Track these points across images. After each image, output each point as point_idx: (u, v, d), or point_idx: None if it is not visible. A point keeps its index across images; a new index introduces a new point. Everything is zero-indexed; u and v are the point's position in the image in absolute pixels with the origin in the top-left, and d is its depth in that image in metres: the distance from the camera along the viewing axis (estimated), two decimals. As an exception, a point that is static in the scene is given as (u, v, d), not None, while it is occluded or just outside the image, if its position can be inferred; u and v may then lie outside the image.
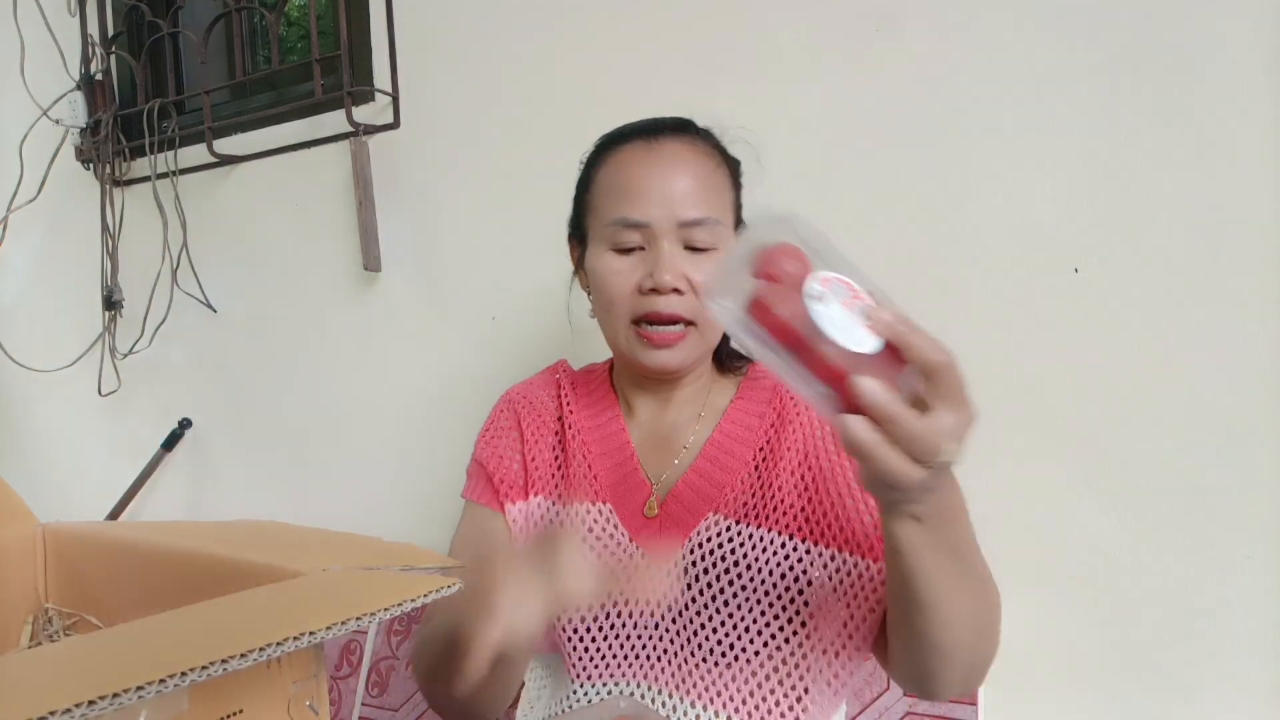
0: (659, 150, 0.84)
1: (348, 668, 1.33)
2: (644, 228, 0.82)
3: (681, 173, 0.83)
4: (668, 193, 0.82)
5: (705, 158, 0.85)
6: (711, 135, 0.90)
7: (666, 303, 0.82)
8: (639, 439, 0.92)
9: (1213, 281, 0.99)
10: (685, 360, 0.85)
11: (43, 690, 0.31)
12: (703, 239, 0.82)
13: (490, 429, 0.97)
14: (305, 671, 0.47)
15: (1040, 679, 1.09)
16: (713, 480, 0.86)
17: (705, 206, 0.82)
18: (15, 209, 1.88)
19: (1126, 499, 1.04)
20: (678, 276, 0.81)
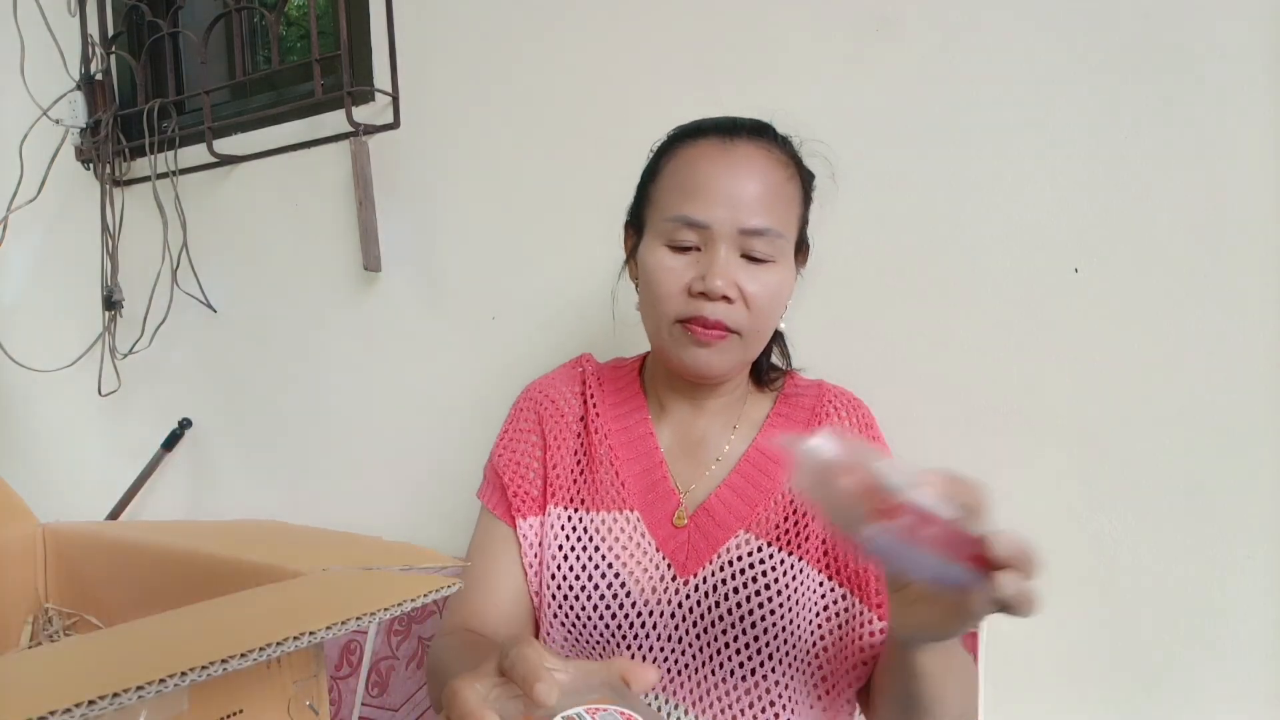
0: (733, 152, 0.81)
1: (348, 668, 1.33)
2: (704, 229, 0.79)
3: (752, 178, 0.80)
4: (734, 197, 0.79)
5: (779, 167, 0.82)
6: (789, 144, 0.86)
7: (714, 309, 0.79)
8: (668, 444, 0.89)
9: (1213, 281, 0.99)
10: (725, 366, 0.82)
11: (43, 690, 0.31)
12: (762, 250, 0.79)
13: (510, 430, 0.93)
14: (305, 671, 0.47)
15: (1040, 679, 1.09)
16: (746, 497, 0.84)
17: (770, 217, 0.79)
18: (15, 209, 1.88)
19: (1126, 499, 1.04)
20: (730, 284, 0.78)
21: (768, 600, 0.79)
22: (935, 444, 1.13)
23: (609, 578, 0.83)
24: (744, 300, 0.79)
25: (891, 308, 1.15)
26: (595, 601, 0.83)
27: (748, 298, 0.79)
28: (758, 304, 0.80)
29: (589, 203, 1.35)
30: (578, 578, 0.84)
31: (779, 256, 0.81)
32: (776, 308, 0.83)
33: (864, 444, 0.57)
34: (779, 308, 0.83)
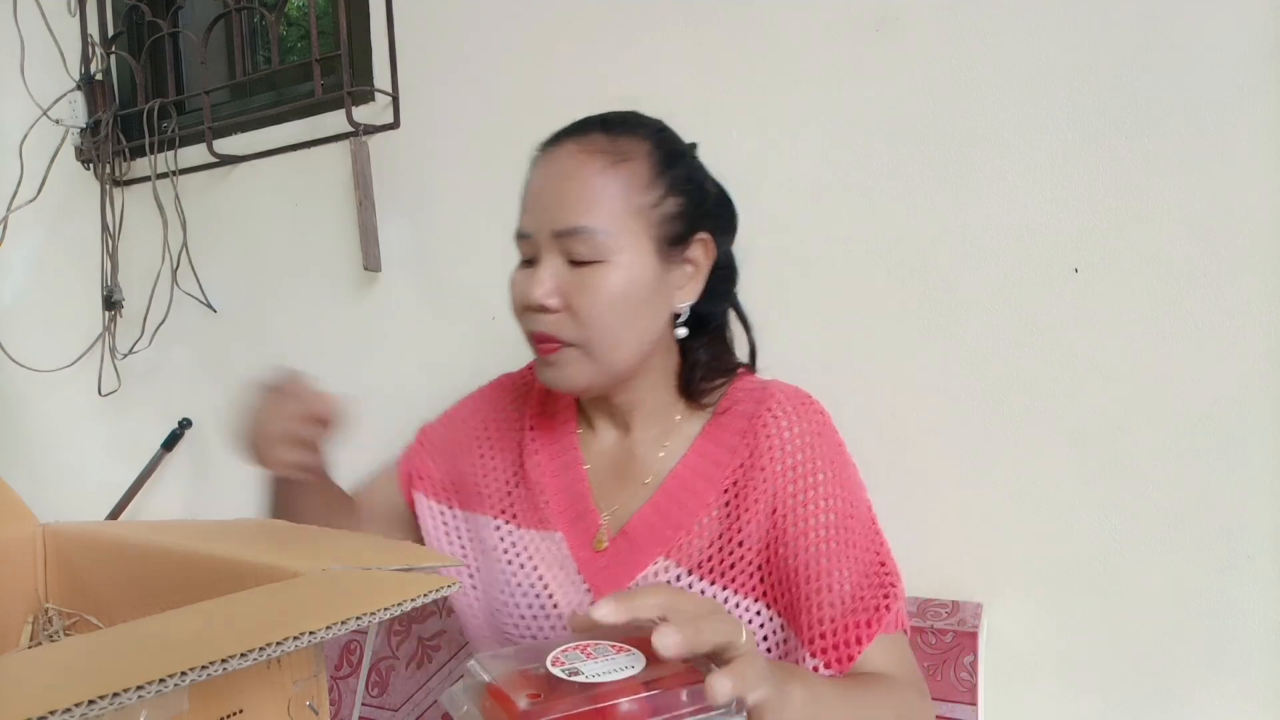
0: (551, 156, 0.78)
1: (348, 668, 1.33)
2: (529, 239, 0.77)
3: (562, 178, 0.75)
4: (546, 200, 0.76)
5: (597, 156, 0.75)
6: (629, 127, 0.78)
7: (539, 320, 0.75)
8: (595, 464, 0.85)
9: (1212, 281, 0.99)
10: (572, 380, 0.76)
11: (43, 690, 0.31)
12: (582, 251, 0.73)
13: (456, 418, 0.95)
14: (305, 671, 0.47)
15: (1040, 679, 1.09)
16: (670, 519, 0.78)
17: (584, 214, 0.73)
18: (15, 209, 1.88)
19: (1126, 499, 1.04)
20: (547, 293, 0.74)
21: None
22: (935, 444, 1.13)
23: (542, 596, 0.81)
24: (570, 308, 0.74)
25: (891, 308, 1.15)
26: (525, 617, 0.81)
27: (573, 306, 0.74)
28: (583, 310, 0.73)
29: (589, 203, 1.34)
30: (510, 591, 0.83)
31: (610, 255, 0.73)
32: (613, 314, 0.74)
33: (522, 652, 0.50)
34: (621, 314, 0.74)
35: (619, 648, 0.52)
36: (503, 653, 0.52)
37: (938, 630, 1.05)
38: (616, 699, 0.46)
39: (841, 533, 0.74)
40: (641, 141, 0.77)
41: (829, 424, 0.81)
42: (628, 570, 0.78)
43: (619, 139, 0.77)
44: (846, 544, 0.74)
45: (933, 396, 1.13)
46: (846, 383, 1.18)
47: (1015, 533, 1.10)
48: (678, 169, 0.78)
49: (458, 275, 1.51)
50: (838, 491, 0.76)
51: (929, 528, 1.14)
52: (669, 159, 0.78)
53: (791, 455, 0.76)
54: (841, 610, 0.71)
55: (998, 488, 1.10)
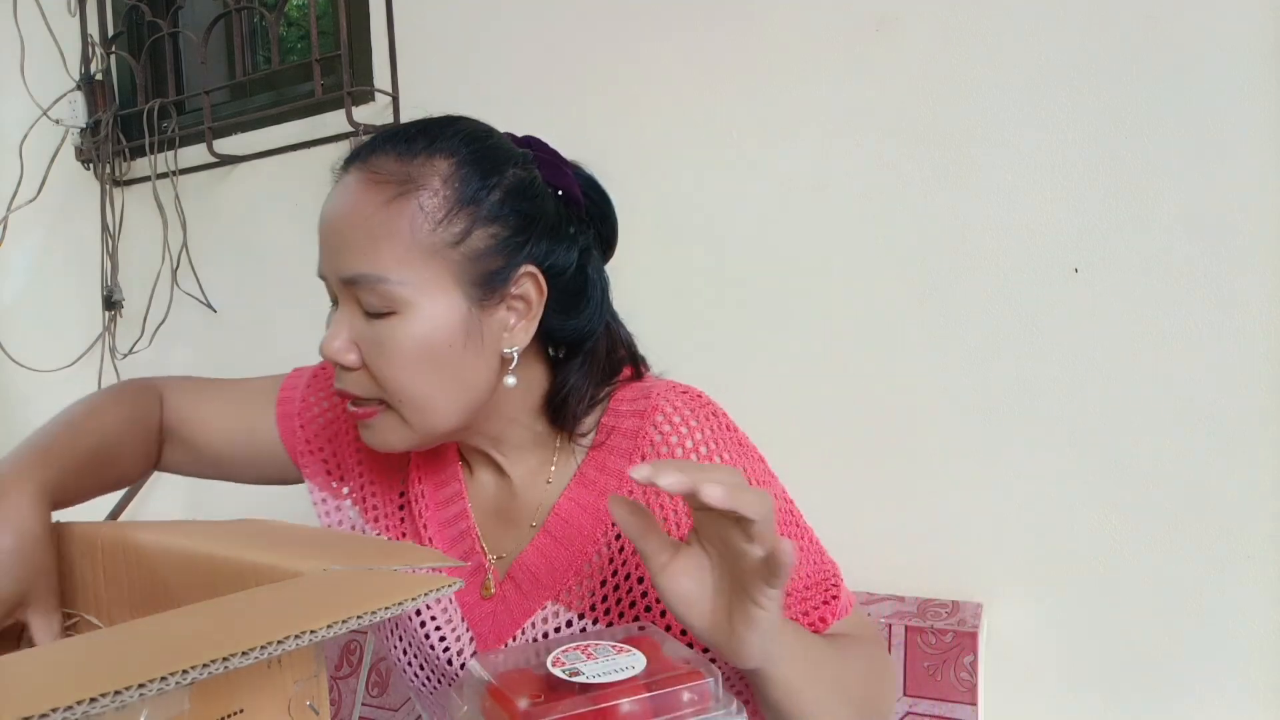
0: (337, 189, 0.66)
1: (348, 668, 1.33)
2: (326, 282, 0.66)
3: (341, 216, 0.64)
4: (330, 240, 0.64)
5: (380, 189, 0.62)
6: (425, 144, 0.65)
7: (340, 379, 0.66)
8: (479, 504, 0.75)
9: (1212, 281, 0.99)
10: (392, 444, 0.66)
11: (44, 688, 0.31)
12: (371, 302, 0.62)
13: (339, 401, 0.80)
14: (306, 671, 0.47)
15: (1040, 678, 1.09)
16: (555, 563, 0.69)
17: (364, 259, 0.62)
18: (15, 209, 1.88)
19: (1127, 499, 1.04)
20: (340, 349, 0.63)
21: None
22: (935, 444, 1.13)
23: (433, 638, 0.74)
24: (368, 367, 0.64)
25: (891, 308, 1.15)
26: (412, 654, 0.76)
27: (368, 364, 0.64)
28: (377, 370, 0.63)
29: (589, 203, 1.35)
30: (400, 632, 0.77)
31: (403, 304, 0.61)
32: (415, 369, 0.63)
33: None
34: (424, 367, 0.63)
35: (619, 648, 0.52)
36: (503, 652, 0.53)
37: (938, 630, 1.05)
38: (617, 699, 0.46)
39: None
40: (441, 161, 0.64)
41: (723, 421, 0.71)
42: (514, 618, 0.71)
43: (411, 161, 0.63)
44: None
45: (933, 396, 1.13)
46: (847, 382, 1.18)
47: (1015, 533, 1.10)
48: (490, 191, 0.64)
49: (458, 275, 1.51)
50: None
51: (929, 528, 1.14)
52: (479, 178, 0.64)
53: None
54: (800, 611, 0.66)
55: (998, 488, 1.10)
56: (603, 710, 0.46)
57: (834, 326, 1.19)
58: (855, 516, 1.15)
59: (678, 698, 0.48)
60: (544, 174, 0.68)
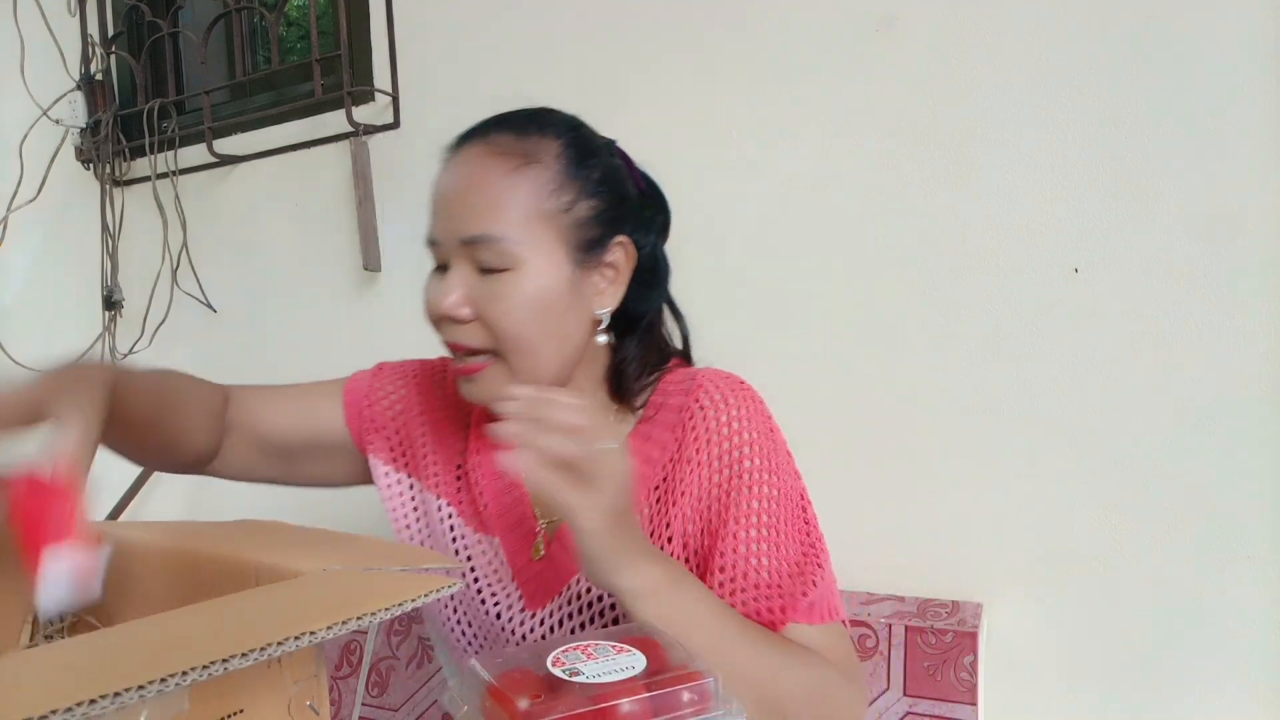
0: (455, 160, 0.75)
1: (348, 668, 1.33)
2: (438, 246, 0.74)
3: (464, 183, 0.73)
4: (450, 207, 0.73)
5: (503, 159, 0.72)
6: (538, 127, 0.75)
7: (452, 332, 0.73)
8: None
9: (1212, 281, 0.99)
10: (496, 395, 0.71)
11: (43, 689, 0.31)
12: (489, 259, 0.70)
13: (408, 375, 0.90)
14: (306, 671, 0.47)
15: (1040, 678, 1.09)
16: None
17: (487, 221, 0.70)
18: (15, 209, 1.88)
19: (1126, 499, 1.04)
20: (456, 303, 0.71)
21: None
22: (935, 444, 1.13)
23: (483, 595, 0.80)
24: (481, 318, 0.72)
25: (891, 308, 1.15)
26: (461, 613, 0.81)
27: (483, 315, 0.71)
28: (494, 320, 0.71)
29: (589, 203, 1.35)
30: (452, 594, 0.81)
31: (518, 262, 0.70)
32: (525, 323, 0.71)
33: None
34: (533, 323, 0.71)
35: (619, 648, 0.52)
36: (503, 653, 0.53)
37: (938, 630, 1.05)
38: (617, 700, 0.46)
39: (769, 520, 0.72)
40: (551, 141, 0.74)
41: (760, 407, 0.77)
42: (560, 577, 0.76)
43: (527, 139, 0.74)
44: (773, 531, 0.72)
45: (933, 396, 1.13)
46: (846, 382, 1.18)
47: (1015, 533, 1.10)
48: (592, 170, 0.75)
49: (458, 275, 1.51)
50: (766, 478, 0.73)
51: (929, 528, 1.14)
52: (582, 159, 0.75)
53: (719, 443, 0.74)
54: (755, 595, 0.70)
55: (998, 488, 1.10)
56: (603, 710, 0.46)
57: (834, 326, 1.19)
58: (855, 516, 1.15)
59: (678, 698, 0.48)
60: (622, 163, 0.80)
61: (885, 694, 1.06)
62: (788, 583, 0.70)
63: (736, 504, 0.72)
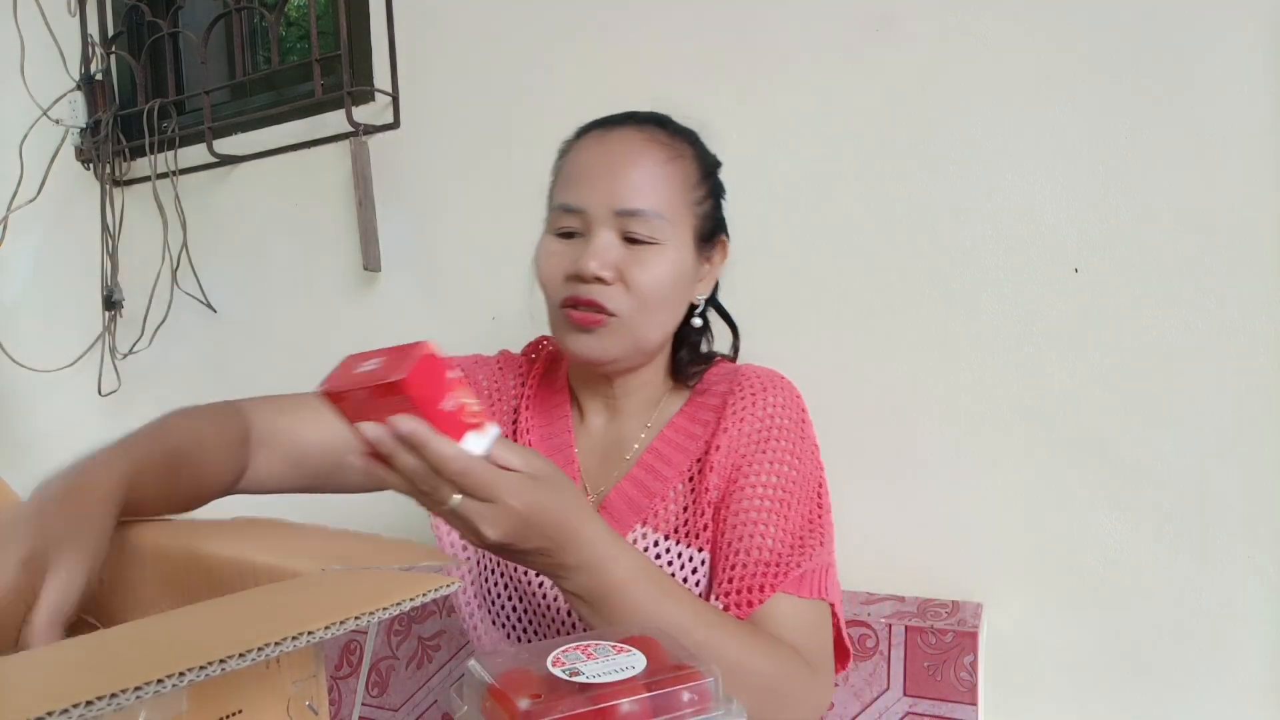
0: (609, 139, 0.82)
1: (348, 668, 1.33)
2: (580, 213, 0.79)
3: (627, 161, 0.79)
4: (609, 179, 0.79)
5: (659, 149, 0.81)
6: (679, 129, 0.86)
7: (588, 290, 0.78)
8: (586, 447, 0.88)
9: (1213, 281, 0.99)
10: (608, 351, 0.80)
11: (41, 690, 0.31)
12: (641, 231, 0.78)
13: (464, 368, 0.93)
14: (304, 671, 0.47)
15: (1040, 678, 1.09)
16: (646, 490, 0.82)
17: (648, 198, 0.78)
18: (15, 209, 1.88)
19: (1127, 499, 1.04)
20: (604, 265, 0.77)
21: None
22: (934, 444, 1.13)
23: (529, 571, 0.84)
24: (624, 282, 0.78)
25: (891, 308, 1.15)
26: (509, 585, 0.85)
27: (628, 280, 0.78)
28: (638, 285, 0.78)
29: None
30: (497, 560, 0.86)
31: (663, 239, 0.79)
32: (664, 292, 0.80)
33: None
34: (668, 294, 0.80)
35: (619, 648, 0.52)
36: (503, 653, 0.53)
37: (938, 630, 1.05)
38: (617, 700, 0.46)
39: (779, 494, 0.78)
40: (690, 145, 0.85)
41: (797, 400, 0.85)
42: None
43: (674, 137, 0.83)
44: (782, 505, 0.77)
45: (933, 396, 1.13)
46: (846, 382, 1.18)
47: (1015, 533, 1.09)
48: (714, 175, 0.87)
49: (458, 275, 1.51)
50: (788, 459, 0.80)
51: (929, 528, 1.14)
52: (708, 165, 0.86)
53: (752, 421, 0.81)
54: (754, 560, 0.75)
55: (998, 487, 1.10)
56: (603, 710, 0.46)
57: (833, 326, 1.19)
58: (855, 516, 1.15)
59: (678, 698, 0.48)
60: None
61: (885, 694, 1.06)
62: (785, 553, 0.75)
63: (755, 470, 0.78)
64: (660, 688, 0.48)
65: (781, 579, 0.73)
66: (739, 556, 0.75)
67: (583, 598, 0.64)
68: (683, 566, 0.79)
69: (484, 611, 0.88)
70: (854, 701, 1.07)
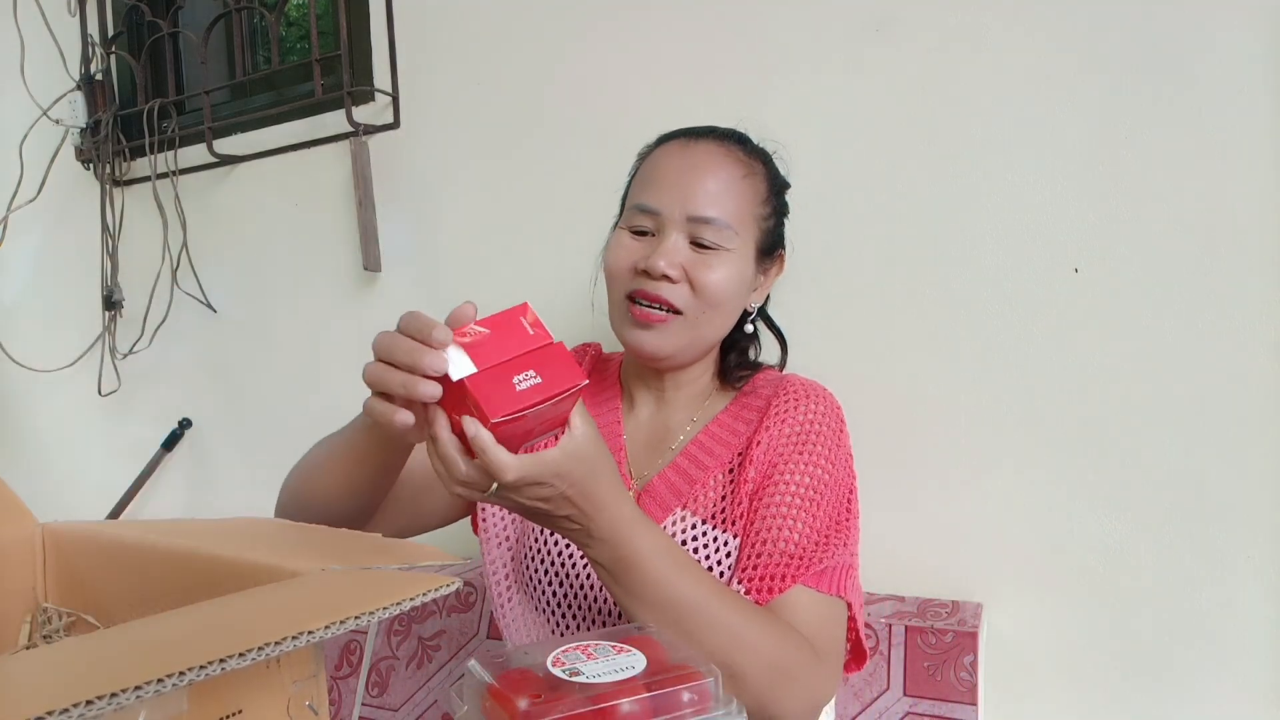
0: (691, 148, 0.87)
1: (348, 668, 1.33)
2: (655, 214, 0.85)
3: (705, 171, 0.85)
4: (686, 186, 0.84)
5: (735, 164, 0.87)
6: (755, 148, 0.92)
7: (655, 286, 0.83)
8: (632, 434, 0.93)
9: (1212, 281, 0.99)
10: (668, 347, 0.85)
11: (41, 690, 0.31)
12: (710, 238, 0.84)
13: None
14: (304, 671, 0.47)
15: (1040, 678, 1.09)
16: (687, 477, 0.87)
17: (720, 208, 0.84)
18: (15, 209, 1.88)
19: (1126, 499, 1.04)
20: (672, 264, 0.83)
21: None
22: (935, 444, 1.13)
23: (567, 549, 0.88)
24: (690, 282, 0.84)
25: (891, 308, 1.15)
26: (549, 568, 0.88)
27: (693, 280, 0.83)
28: (703, 286, 0.83)
29: (588, 202, 1.34)
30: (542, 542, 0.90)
31: (729, 247, 0.84)
32: (726, 296, 0.85)
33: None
34: (729, 297, 0.86)
35: (619, 648, 0.52)
36: (503, 653, 0.53)
37: (938, 630, 1.05)
38: (617, 700, 0.46)
39: (810, 493, 0.82)
40: (763, 165, 0.91)
41: (837, 412, 0.90)
42: None
43: (750, 155, 0.90)
44: (811, 503, 0.81)
45: (933, 396, 1.13)
46: (846, 382, 1.18)
47: (1015, 533, 1.09)
48: (782, 195, 0.93)
49: (458, 275, 1.50)
50: (822, 462, 0.84)
51: (929, 528, 1.14)
52: (777, 185, 0.93)
53: (794, 425, 0.86)
54: (779, 551, 0.79)
55: (998, 488, 1.10)
56: (603, 710, 0.46)
57: (832, 326, 1.19)
58: (855, 516, 1.15)
59: (678, 698, 0.48)
60: None
61: (885, 694, 1.06)
62: (809, 548, 0.79)
63: (790, 468, 0.83)
64: (660, 688, 0.48)
65: (803, 571, 0.77)
66: (765, 546, 0.79)
67: (605, 567, 0.68)
68: (716, 550, 0.83)
69: (523, 595, 0.91)
70: (854, 701, 1.07)
